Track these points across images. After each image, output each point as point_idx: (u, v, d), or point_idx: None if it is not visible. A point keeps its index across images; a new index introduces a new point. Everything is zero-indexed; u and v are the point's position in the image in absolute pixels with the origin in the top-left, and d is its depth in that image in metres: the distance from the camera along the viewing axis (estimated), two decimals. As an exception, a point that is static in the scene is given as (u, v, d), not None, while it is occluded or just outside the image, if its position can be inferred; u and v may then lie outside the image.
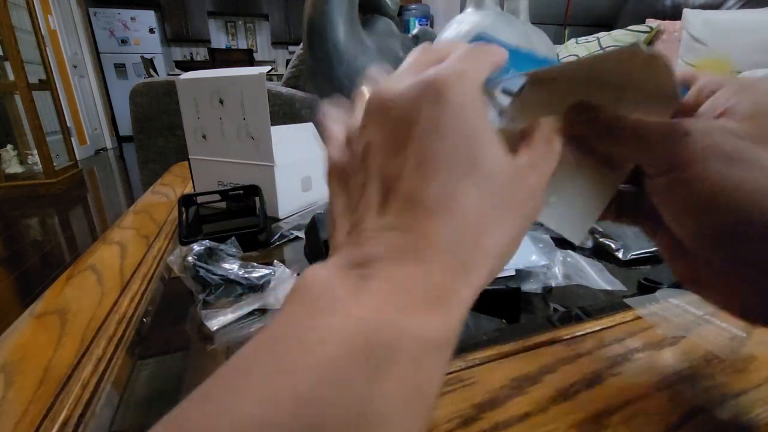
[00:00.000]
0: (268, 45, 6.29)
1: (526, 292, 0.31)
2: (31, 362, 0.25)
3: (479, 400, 0.21)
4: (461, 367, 0.23)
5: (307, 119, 1.29)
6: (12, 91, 2.72)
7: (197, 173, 0.57)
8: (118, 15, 5.22)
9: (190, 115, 0.54)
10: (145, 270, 0.38)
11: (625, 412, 0.20)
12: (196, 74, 0.53)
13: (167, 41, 5.84)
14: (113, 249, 0.44)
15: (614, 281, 0.33)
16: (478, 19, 0.49)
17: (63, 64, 4.01)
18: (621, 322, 0.27)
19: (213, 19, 6.04)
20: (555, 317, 0.28)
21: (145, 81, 1.24)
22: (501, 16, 0.49)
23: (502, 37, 0.19)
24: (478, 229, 0.13)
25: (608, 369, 0.23)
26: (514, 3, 0.55)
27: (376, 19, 0.62)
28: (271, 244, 0.43)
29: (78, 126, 4.15)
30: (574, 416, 0.20)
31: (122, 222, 0.53)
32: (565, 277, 0.33)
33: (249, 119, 0.49)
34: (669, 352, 0.24)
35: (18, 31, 2.57)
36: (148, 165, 1.27)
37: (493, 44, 0.17)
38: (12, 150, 2.82)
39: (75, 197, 2.72)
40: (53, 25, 3.89)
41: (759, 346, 0.24)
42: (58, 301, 0.33)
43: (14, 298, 1.43)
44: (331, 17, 0.51)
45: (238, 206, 0.50)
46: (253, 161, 0.51)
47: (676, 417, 0.19)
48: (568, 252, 0.36)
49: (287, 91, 1.28)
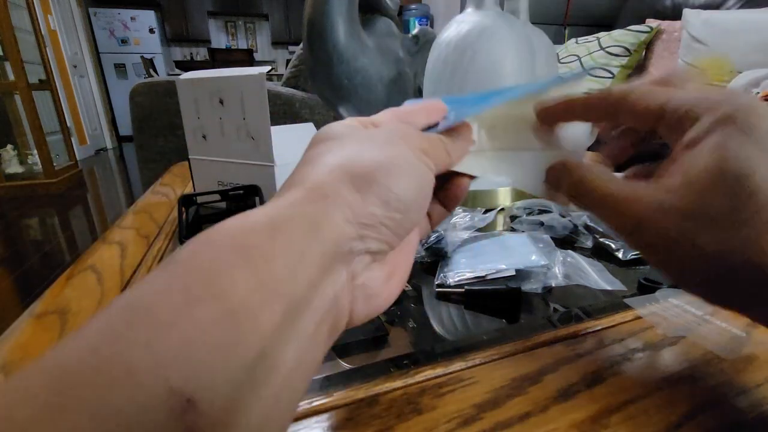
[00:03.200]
0: (268, 45, 6.29)
1: (526, 292, 0.31)
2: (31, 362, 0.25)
3: (479, 400, 0.21)
4: (461, 367, 0.23)
5: (307, 119, 1.29)
6: (12, 91, 2.72)
7: (197, 173, 0.57)
8: (118, 15, 5.22)
9: (190, 115, 0.54)
10: (145, 270, 0.38)
11: (625, 412, 0.20)
12: (196, 74, 0.53)
13: (167, 41, 5.84)
14: (113, 249, 0.44)
15: (614, 281, 0.33)
16: (478, 19, 0.48)
17: (63, 64, 4.01)
18: (621, 322, 0.27)
19: (213, 19, 6.04)
20: (555, 317, 0.28)
21: (145, 81, 1.24)
22: (501, 16, 0.49)
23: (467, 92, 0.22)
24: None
25: (608, 369, 0.23)
26: (514, 3, 0.55)
27: (376, 19, 0.62)
28: (271, 244, 0.43)
29: (78, 126, 4.15)
30: (574, 416, 0.20)
31: (122, 222, 0.53)
32: (565, 277, 0.33)
33: (249, 119, 0.49)
34: (669, 352, 0.24)
35: (18, 31, 2.57)
36: (148, 165, 1.27)
37: (435, 102, 0.21)
38: (12, 150, 2.82)
39: (75, 197, 2.72)
40: (53, 25, 3.89)
41: (759, 346, 0.24)
42: (58, 301, 0.33)
43: (14, 298, 1.43)
44: (331, 17, 0.51)
45: (238, 206, 0.50)
46: (253, 161, 0.51)
47: (676, 417, 0.19)
48: (568, 252, 0.36)
49: (287, 91, 1.28)
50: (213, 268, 0.12)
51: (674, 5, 1.77)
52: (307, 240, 0.13)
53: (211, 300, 0.11)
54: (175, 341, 0.10)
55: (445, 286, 0.32)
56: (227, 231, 0.13)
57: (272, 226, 0.13)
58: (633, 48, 1.63)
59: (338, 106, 0.59)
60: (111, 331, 0.10)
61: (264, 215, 0.14)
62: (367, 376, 0.22)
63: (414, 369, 0.23)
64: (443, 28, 0.50)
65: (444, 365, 0.23)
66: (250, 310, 0.11)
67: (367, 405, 0.21)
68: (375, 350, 0.25)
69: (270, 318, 0.12)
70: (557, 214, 0.43)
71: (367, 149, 0.16)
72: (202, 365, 0.10)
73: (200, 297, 0.11)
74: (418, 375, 0.23)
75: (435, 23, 3.32)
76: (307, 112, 1.30)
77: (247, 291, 0.11)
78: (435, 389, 0.22)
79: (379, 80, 0.58)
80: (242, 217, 0.13)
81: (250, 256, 0.12)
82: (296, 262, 0.13)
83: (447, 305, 0.30)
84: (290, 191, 0.15)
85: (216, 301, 0.11)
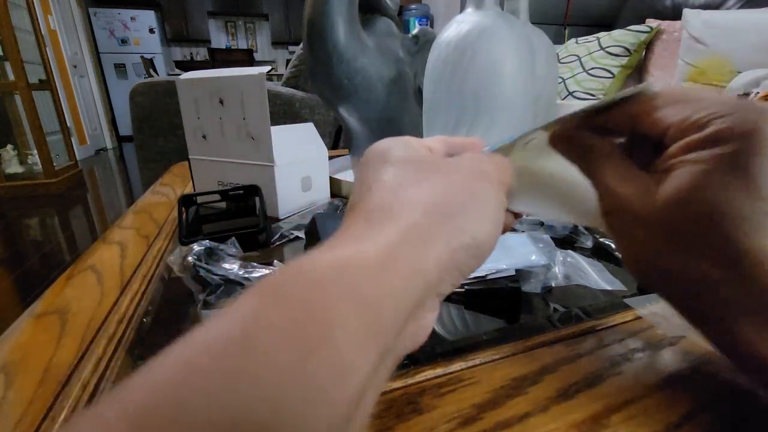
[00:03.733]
0: (268, 45, 6.28)
1: (526, 292, 0.31)
2: (31, 362, 0.25)
3: (479, 400, 0.21)
4: (461, 367, 0.23)
5: (307, 119, 1.29)
6: (12, 91, 2.72)
7: (197, 173, 0.57)
8: (118, 15, 5.21)
9: (190, 115, 0.54)
10: (145, 270, 0.38)
11: (625, 412, 0.20)
12: (196, 74, 0.53)
13: (167, 41, 5.83)
14: (113, 249, 0.44)
15: (614, 281, 0.33)
16: (478, 19, 0.48)
17: (63, 64, 4.01)
18: (621, 322, 0.27)
19: (213, 19, 6.04)
20: (555, 317, 0.28)
21: (145, 81, 1.24)
22: (501, 16, 0.49)
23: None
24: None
25: (608, 369, 0.23)
26: (514, 3, 0.55)
27: (376, 19, 0.62)
28: (271, 244, 0.43)
29: (78, 126, 4.15)
30: (574, 416, 0.20)
31: (122, 222, 0.52)
32: (565, 277, 0.33)
33: (249, 119, 0.49)
34: (669, 352, 0.24)
35: (18, 31, 2.57)
36: (148, 165, 1.27)
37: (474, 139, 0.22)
38: (12, 150, 2.82)
39: (75, 197, 2.72)
40: (53, 25, 3.89)
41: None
42: (58, 301, 0.33)
43: (14, 298, 1.43)
44: (331, 17, 0.51)
45: (238, 206, 0.50)
46: (253, 161, 0.51)
47: (676, 417, 0.19)
48: (568, 252, 0.36)
49: (287, 91, 1.28)
50: (326, 315, 0.11)
51: (674, 5, 1.76)
52: (407, 286, 0.13)
53: (326, 352, 0.10)
54: (289, 395, 0.09)
55: (445, 286, 0.32)
56: (336, 264, 0.12)
57: (380, 267, 0.13)
58: (633, 48, 1.63)
59: (338, 106, 0.59)
60: (228, 371, 0.09)
61: (369, 251, 0.13)
62: (367, 376, 0.22)
63: (414, 369, 0.23)
64: (443, 28, 0.50)
65: (444, 365, 0.23)
66: (356, 363, 0.11)
67: (367, 405, 0.21)
68: (375, 350, 0.25)
69: (369, 365, 0.11)
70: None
71: (453, 185, 0.16)
72: (317, 421, 0.10)
73: (315, 349, 0.10)
74: (418, 375, 0.23)
75: (435, 23, 3.32)
76: (307, 112, 1.30)
77: (358, 343, 0.11)
78: (435, 389, 0.22)
79: (379, 80, 0.58)
80: (345, 245, 0.13)
81: (362, 304, 0.12)
82: (397, 311, 0.12)
83: (447, 305, 0.30)
84: (384, 225, 0.14)
85: (331, 353, 0.10)
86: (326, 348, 0.10)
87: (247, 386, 0.09)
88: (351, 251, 0.13)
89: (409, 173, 0.16)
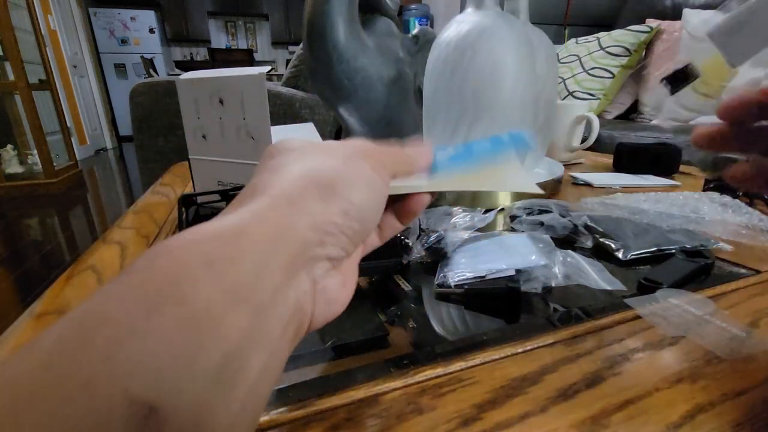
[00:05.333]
0: (268, 45, 6.28)
1: (526, 292, 0.31)
2: None
3: (479, 400, 0.21)
4: (461, 367, 0.23)
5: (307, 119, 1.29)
6: (12, 91, 2.72)
7: (197, 173, 0.57)
8: (118, 15, 5.22)
9: (190, 115, 0.54)
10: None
11: (625, 412, 0.20)
12: (196, 74, 0.53)
13: (167, 41, 5.84)
14: (113, 249, 0.44)
15: (614, 281, 0.33)
16: (478, 19, 0.49)
17: (63, 64, 4.01)
18: (621, 322, 0.27)
19: (213, 19, 6.04)
20: (555, 317, 0.28)
21: (145, 81, 1.24)
22: (501, 16, 0.49)
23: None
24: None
25: (608, 369, 0.23)
26: (514, 3, 0.55)
27: (376, 19, 0.62)
28: (271, 244, 0.43)
29: (78, 126, 4.15)
30: (574, 416, 0.20)
31: (122, 222, 0.53)
32: (565, 277, 0.33)
33: (249, 119, 0.49)
34: (669, 352, 0.24)
35: (18, 31, 2.57)
36: (148, 165, 1.27)
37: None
38: (12, 150, 2.82)
39: (75, 197, 2.72)
40: (53, 25, 3.89)
41: (759, 346, 0.24)
42: (58, 301, 0.33)
43: (14, 298, 1.43)
44: (331, 17, 0.51)
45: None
46: (253, 161, 0.51)
47: (676, 417, 0.19)
48: (568, 252, 0.36)
49: (287, 91, 1.28)
50: (173, 274, 0.11)
51: (674, 5, 1.77)
52: (272, 246, 0.13)
53: (171, 306, 0.11)
54: (135, 350, 0.10)
55: (445, 286, 0.32)
56: (189, 239, 0.13)
57: (237, 232, 0.13)
58: (633, 48, 1.63)
59: (338, 106, 0.59)
60: (65, 343, 0.10)
61: (228, 222, 0.14)
62: (367, 376, 0.22)
63: (414, 369, 0.23)
64: (443, 28, 0.50)
65: (444, 365, 0.23)
66: (212, 315, 0.11)
67: (367, 405, 0.21)
68: (375, 350, 0.25)
69: (234, 323, 0.11)
70: (557, 214, 0.43)
71: (328, 161, 0.17)
72: (163, 372, 0.10)
73: (160, 304, 0.11)
74: (418, 375, 0.23)
75: (435, 23, 3.32)
76: (307, 112, 1.30)
77: (210, 296, 0.11)
78: (435, 389, 0.22)
79: (379, 80, 0.58)
80: (204, 226, 0.13)
81: (213, 261, 0.12)
82: (261, 267, 0.13)
83: (447, 305, 0.30)
84: (254, 199, 0.15)
85: (177, 307, 0.11)
86: (172, 303, 0.11)
87: (95, 354, 0.10)
88: (208, 226, 0.13)
89: (294, 156, 0.17)
